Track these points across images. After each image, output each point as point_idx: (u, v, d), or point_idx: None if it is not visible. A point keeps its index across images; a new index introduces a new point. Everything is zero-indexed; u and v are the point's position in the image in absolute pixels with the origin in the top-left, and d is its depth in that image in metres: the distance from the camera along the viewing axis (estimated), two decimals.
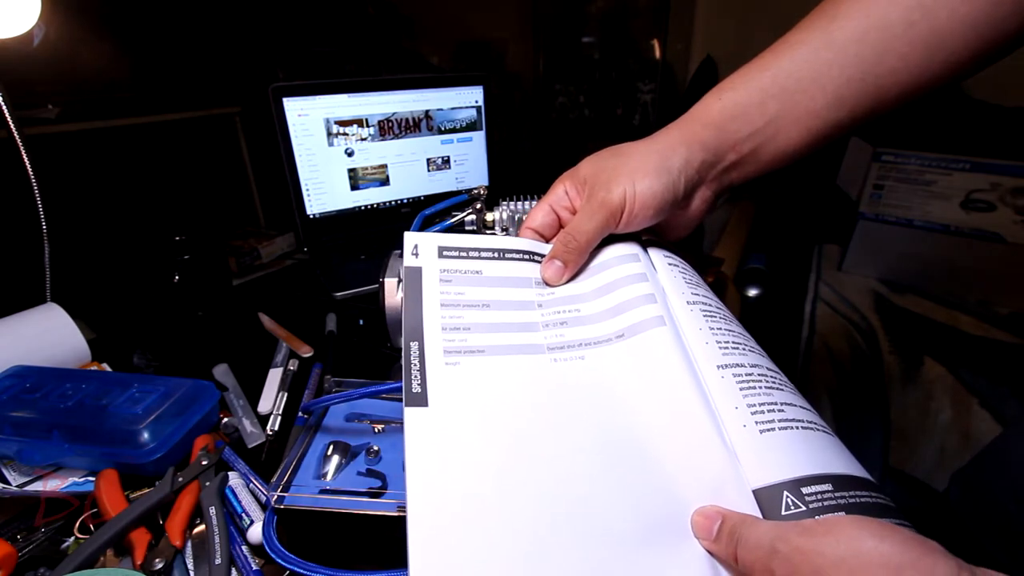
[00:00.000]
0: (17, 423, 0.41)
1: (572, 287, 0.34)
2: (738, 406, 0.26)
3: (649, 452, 0.26)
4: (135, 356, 0.58)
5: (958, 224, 1.00)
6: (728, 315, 0.33)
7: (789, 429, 0.25)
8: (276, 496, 0.37)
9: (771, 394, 0.27)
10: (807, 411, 0.27)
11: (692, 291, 0.33)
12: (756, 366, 0.29)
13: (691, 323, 0.31)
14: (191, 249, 0.68)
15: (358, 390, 0.43)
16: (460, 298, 0.33)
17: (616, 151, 0.36)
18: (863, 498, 0.23)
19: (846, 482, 0.23)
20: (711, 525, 0.23)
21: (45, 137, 1.05)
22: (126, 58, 1.27)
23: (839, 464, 0.24)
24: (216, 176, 1.43)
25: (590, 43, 1.98)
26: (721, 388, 0.27)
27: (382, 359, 0.57)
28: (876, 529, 0.19)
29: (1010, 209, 0.96)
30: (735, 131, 0.34)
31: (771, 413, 0.26)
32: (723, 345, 0.29)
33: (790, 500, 0.23)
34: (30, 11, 0.60)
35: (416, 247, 0.34)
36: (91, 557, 0.33)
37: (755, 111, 0.33)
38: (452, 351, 0.30)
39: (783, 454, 0.24)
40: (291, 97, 0.74)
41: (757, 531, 0.21)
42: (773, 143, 0.34)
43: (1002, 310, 0.97)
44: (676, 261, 0.36)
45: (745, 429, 0.25)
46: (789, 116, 0.33)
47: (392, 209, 0.86)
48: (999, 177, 0.96)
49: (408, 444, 0.26)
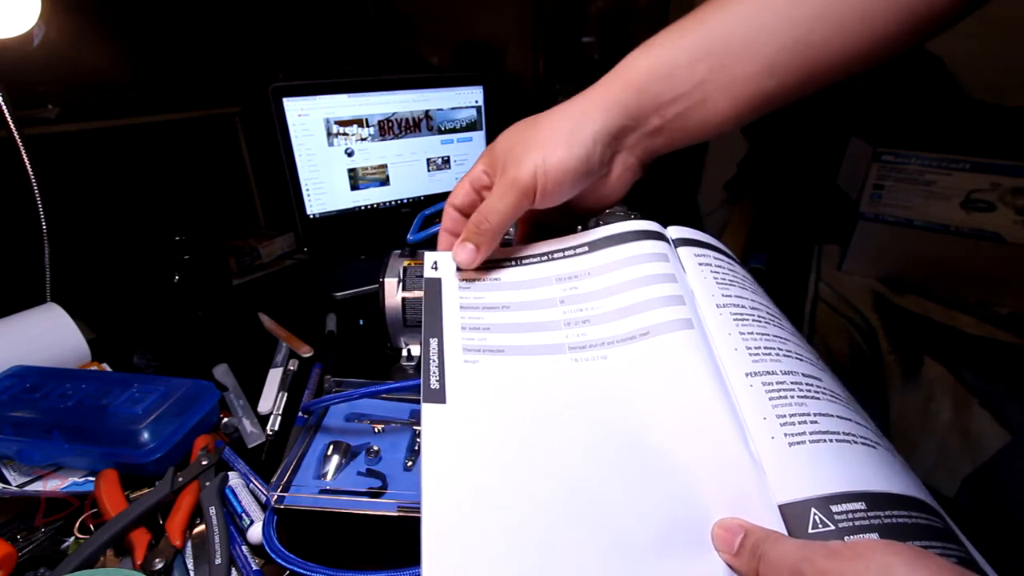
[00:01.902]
0: (17, 423, 0.41)
1: (596, 282, 0.33)
2: (767, 416, 0.25)
3: (671, 459, 0.25)
4: (135, 356, 0.58)
5: (958, 224, 1.00)
6: (767, 315, 0.31)
7: (822, 442, 0.24)
8: (276, 496, 0.37)
9: (804, 404, 0.26)
10: (847, 421, 0.26)
11: (723, 292, 0.31)
12: (791, 372, 0.27)
13: (720, 327, 0.29)
14: (191, 249, 0.68)
15: (358, 390, 0.43)
16: (479, 301, 0.33)
17: (531, 122, 0.34)
18: (901, 519, 0.21)
19: (884, 501, 0.22)
20: (733, 539, 0.22)
21: (45, 137, 1.05)
22: (126, 58, 1.27)
23: (880, 480, 0.23)
24: (216, 176, 1.43)
25: (590, 43, 1.98)
26: (749, 397, 0.26)
27: (382, 359, 0.57)
28: (910, 556, 0.18)
29: (1010, 209, 0.96)
30: (658, 94, 0.32)
31: (803, 425, 0.25)
32: (754, 351, 0.28)
33: (818, 518, 0.22)
34: (30, 11, 0.60)
35: (435, 263, 0.34)
36: (91, 557, 0.33)
37: (683, 72, 0.32)
38: (471, 349, 0.30)
39: (813, 468, 0.23)
40: (291, 97, 0.74)
41: (782, 549, 0.20)
42: (700, 110, 0.32)
43: (1002, 310, 0.97)
44: (709, 260, 0.34)
45: (773, 441, 0.24)
46: (717, 81, 0.31)
47: (392, 209, 0.86)
48: (999, 177, 0.96)
49: (425, 439, 0.26)
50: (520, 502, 0.24)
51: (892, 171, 1.05)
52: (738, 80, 0.31)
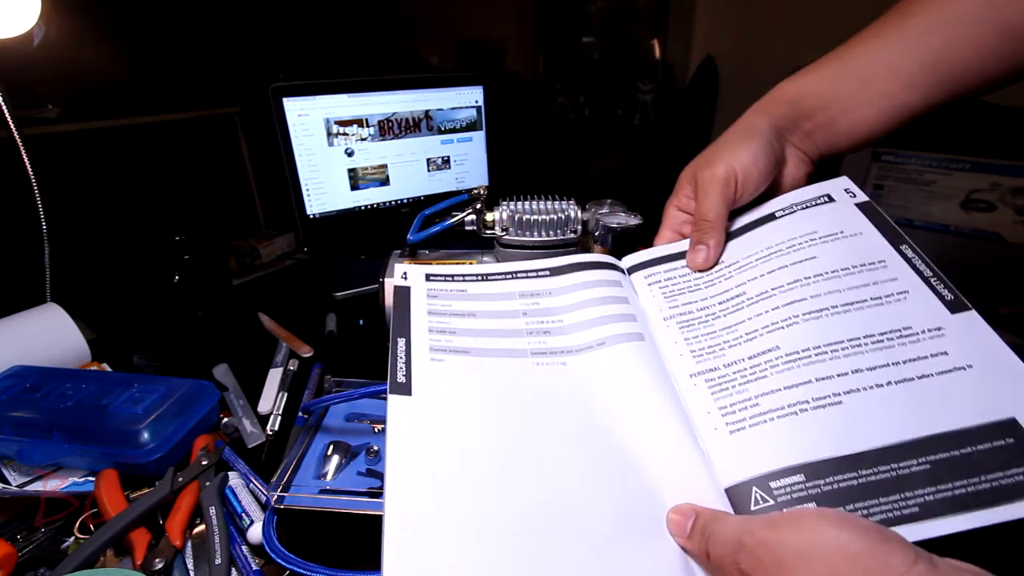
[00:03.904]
0: (17, 423, 0.41)
1: (556, 300, 0.36)
2: (710, 411, 0.28)
3: (627, 455, 0.27)
4: (135, 356, 0.58)
5: (958, 224, 1.00)
6: (721, 304, 0.33)
7: (763, 423, 0.26)
8: (276, 496, 0.37)
9: (746, 389, 0.28)
10: (799, 388, 0.26)
11: (671, 304, 0.35)
12: (735, 362, 0.29)
13: (667, 338, 0.33)
14: (191, 249, 0.68)
15: (358, 390, 0.43)
16: (446, 308, 0.35)
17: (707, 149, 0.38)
18: (840, 483, 0.23)
19: (823, 468, 0.24)
20: (686, 522, 0.24)
21: (45, 137, 1.05)
22: (126, 58, 1.27)
23: (823, 445, 0.24)
24: (216, 176, 1.43)
25: (590, 43, 1.99)
26: (694, 395, 0.29)
27: (382, 359, 0.57)
28: (836, 519, 0.20)
29: (1010, 209, 0.96)
30: (808, 106, 0.37)
31: (743, 411, 0.27)
32: (697, 353, 0.31)
33: (759, 495, 0.24)
34: (30, 11, 0.60)
35: (405, 273, 0.37)
36: (91, 557, 0.33)
37: (827, 89, 0.37)
38: (437, 349, 0.31)
39: (753, 451, 0.25)
40: (291, 97, 0.74)
41: (726, 526, 0.22)
42: (847, 117, 0.36)
43: (1002, 310, 0.97)
44: (660, 277, 0.37)
45: (716, 432, 0.27)
46: (861, 95, 0.36)
47: (392, 209, 0.86)
48: (999, 177, 0.96)
49: (389, 429, 0.27)
50: (480, 492, 0.25)
51: (892, 171, 1.05)
52: (882, 94, 0.35)
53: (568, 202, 0.53)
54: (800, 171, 0.39)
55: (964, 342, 0.26)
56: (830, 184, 0.36)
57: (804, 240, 0.33)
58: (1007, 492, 0.21)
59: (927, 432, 0.23)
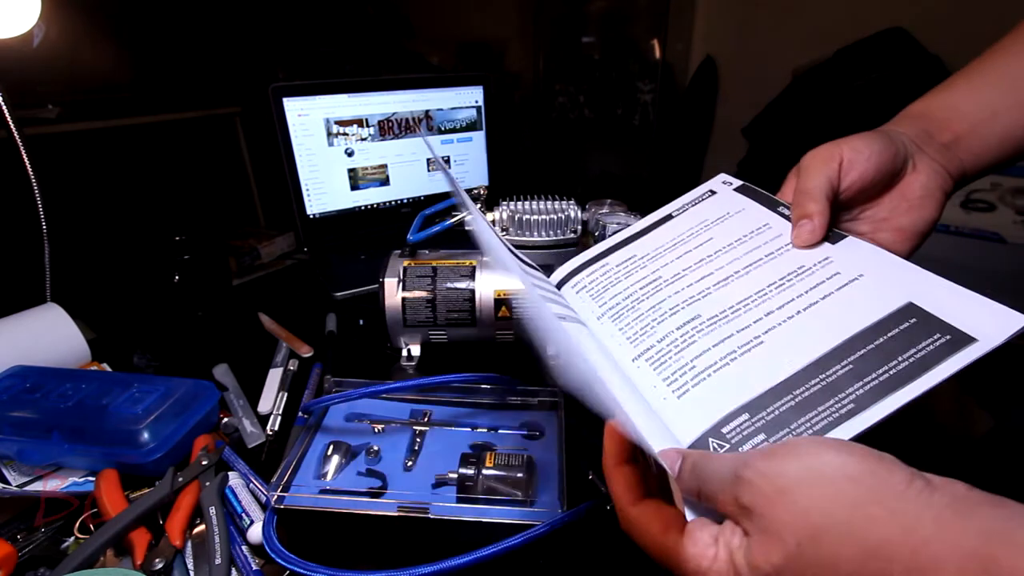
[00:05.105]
0: (17, 423, 0.41)
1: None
2: (656, 385, 0.30)
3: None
4: (135, 356, 0.58)
5: (958, 224, 1.00)
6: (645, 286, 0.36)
7: (703, 381, 0.29)
8: (276, 496, 0.37)
9: (681, 356, 0.30)
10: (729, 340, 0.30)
11: (600, 303, 0.37)
12: (666, 336, 0.32)
13: (605, 334, 0.35)
14: (191, 249, 0.68)
15: (358, 390, 0.43)
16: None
17: None
18: (781, 408, 0.26)
19: (762, 401, 0.26)
20: (673, 464, 0.24)
21: (45, 137, 1.05)
22: (126, 58, 1.27)
23: (757, 382, 0.27)
24: (216, 176, 1.43)
25: (590, 43, 1.99)
26: (640, 375, 0.31)
27: (382, 359, 0.57)
28: (834, 444, 0.20)
29: (1010, 209, 0.96)
30: (942, 117, 0.37)
31: (683, 376, 0.29)
32: (632, 337, 0.34)
33: (715, 444, 0.26)
34: (30, 11, 0.60)
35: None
36: (91, 557, 0.33)
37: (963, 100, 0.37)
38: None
39: (701, 407, 0.28)
40: (291, 97, 0.74)
41: (718, 463, 0.22)
42: (989, 126, 0.36)
43: None
44: (584, 282, 0.40)
45: (666, 401, 0.29)
46: (1002, 103, 0.36)
47: (392, 209, 0.86)
48: (999, 177, 0.96)
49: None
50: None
51: None
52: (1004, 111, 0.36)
53: (568, 202, 0.53)
54: (934, 182, 0.36)
55: (850, 260, 0.31)
56: (711, 182, 0.42)
57: (699, 227, 0.39)
58: (924, 363, 0.25)
59: (842, 338, 0.27)
